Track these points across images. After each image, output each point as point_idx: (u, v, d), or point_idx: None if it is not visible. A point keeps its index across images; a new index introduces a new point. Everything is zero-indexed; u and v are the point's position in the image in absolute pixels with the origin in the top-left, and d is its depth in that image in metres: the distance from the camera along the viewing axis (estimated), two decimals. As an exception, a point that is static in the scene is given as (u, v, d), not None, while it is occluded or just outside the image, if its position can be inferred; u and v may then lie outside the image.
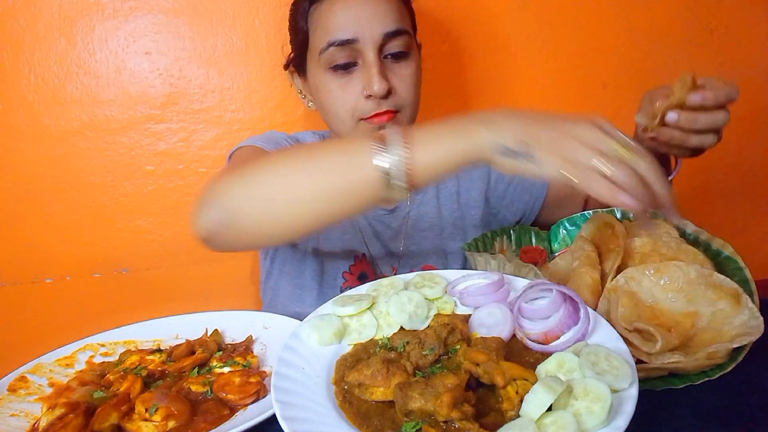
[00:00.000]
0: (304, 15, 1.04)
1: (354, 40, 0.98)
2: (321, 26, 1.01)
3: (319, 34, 1.01)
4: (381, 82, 0.97)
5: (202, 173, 1.46)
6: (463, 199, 1.23)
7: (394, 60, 1.02)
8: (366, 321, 0.73)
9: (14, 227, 1.42)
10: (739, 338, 0.69)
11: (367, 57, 0.99)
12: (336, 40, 0.98)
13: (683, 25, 1.54)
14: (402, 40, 1.01)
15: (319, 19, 1.01)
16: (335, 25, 0.98)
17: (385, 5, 1.00)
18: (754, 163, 1.70)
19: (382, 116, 1.00)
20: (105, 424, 0.69)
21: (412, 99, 1.05)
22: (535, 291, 0.71)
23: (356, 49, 0.99)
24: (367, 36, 0.98)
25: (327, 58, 1.00)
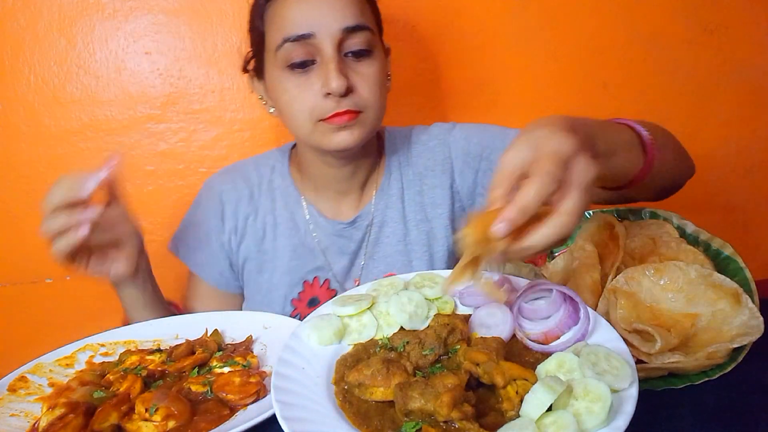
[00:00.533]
0: (259, 13, 1.01)
1: (310, 35, 0.93)
2: (276, 23, 0.97)
3: (274, 32, 0.97)
4: (339, 78, 0.92)
5: (202, 173, 1.46)
6: (427, 199, 1.16)
7: (355, 58, 0.97)
8: (366, 321, 0.73)
9: (14, 227, 1.42)
10: (739, 338, 0.69)
11: (325, 53, 0.94)
12: (291, 36, 0.94)
13: (683, 25, 1.54)
14: (363, 36, 0.96)
15: (274, 16, 0.97)
16: (290, 20, 0.95)
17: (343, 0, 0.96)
18: (754, 163, 1.70)
19: (342, 116, 0.95)
20: (105, 424, 0.68)
21: (375, 99, 0.99)
22: (535, 291, 0.71)
23: (313, 45, 0.94)
24: (324, 31, 0.93)
25: (283, 55, 0.95)
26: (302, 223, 1.15)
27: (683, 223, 0.89)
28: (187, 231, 1.19)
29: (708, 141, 1.65)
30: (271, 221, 1.16)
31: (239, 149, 1.44)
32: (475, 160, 1.13)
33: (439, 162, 1.16)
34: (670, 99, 1.60)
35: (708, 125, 1.64)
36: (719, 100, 1.62)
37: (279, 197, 1.16)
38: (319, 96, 0.95)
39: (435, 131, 1.19)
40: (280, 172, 1.18)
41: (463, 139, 1.15)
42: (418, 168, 1.16)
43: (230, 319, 0.94)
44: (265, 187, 1.17)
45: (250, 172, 1.18)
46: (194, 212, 1.20)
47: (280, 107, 1.02)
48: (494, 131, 1.15)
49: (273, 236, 1.15)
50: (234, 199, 1.16)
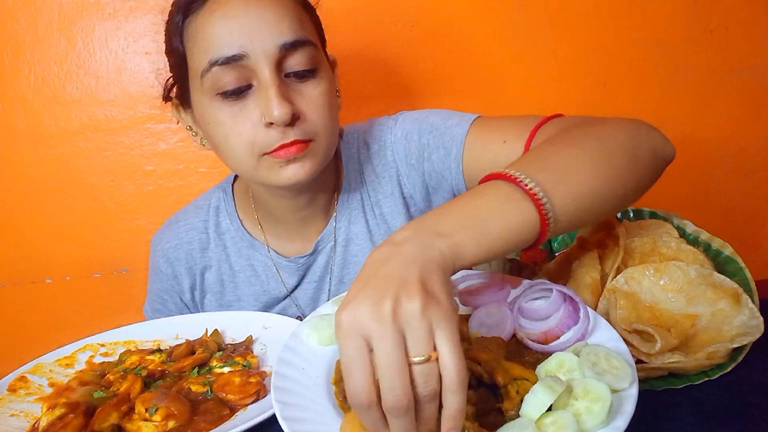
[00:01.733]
0: (178, 32, 0.85)
1: (241, 56, 0.79)
2: (199, 43, 0.82)
3: (197, 53, 0.82)
4: (282, 105, 0.78)
5: (202, 173, 1.46)
6: (386, 208, 1.03)
7: (298, 80, 0.83)
8: (366, 321, 0.73)
9: (14, 227, 1.42)
10: (739, 338, 0.69)
11: (261, 76, 0.80)
12: (218, 58, 0.79)
13: (683, 25, 1.54)
14: (305, 53, 0.82)
15: (196, 35, 0.82)
16: (216, 39, 0.80)
17: (276, 11, 0.81)
18: (754, 163, 1.70)
19: (289, 147, 0.82)
20: (105, 424, 0.69)
21: (326, 123, 0.85)
22: (535, 291, 0.71)
23: (246, 67, 0.80)
24: (258, 50, 0.79)
25: (211, 81, 0.81)
26: (261, 268, 1.04)
27: (683, 223, 0.89)
28: (152, 298, 1.11)
29: (708, 141, 1.65)
30: (228, 271, 1.05)
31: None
32: (418, 161, 0.98)
33: (386, 167, 1.02)
34: (670, 99, 1.60)
35: (708, 125, 1.64)
36: (719, 100, 1.62)
37: (230, 243, 1.05)
38: (259, 126, 0.81)
39: (376, 131, 1.04)
40: (226, 212, 1.05)
41: (403, 139, 1.00)
42: (370, 176, 1.04)
43: (230, 319, 0.94)
44: (213, 232, 1.05)
45: (193, 219, 1.06)
46: (151, 277, 1.10)
47: (213, 141, 0.87)
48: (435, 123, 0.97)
49: (233, 287, 1.06)
50: (183, 255, 1.05)
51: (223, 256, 1.06)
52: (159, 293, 1.09)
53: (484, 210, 0.59)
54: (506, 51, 1.50)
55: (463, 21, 1.46)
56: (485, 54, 1.49)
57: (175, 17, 0.86)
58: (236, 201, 1.06)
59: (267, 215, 1.03)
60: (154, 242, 1.09)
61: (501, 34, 1.49)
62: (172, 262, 1.06)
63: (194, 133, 0.95)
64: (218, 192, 1.08)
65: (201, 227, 1.06)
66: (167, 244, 1.06)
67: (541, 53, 1.51)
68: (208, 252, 1.06)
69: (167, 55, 0.92)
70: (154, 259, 1.08)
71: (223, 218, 1.06)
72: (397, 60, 1.46)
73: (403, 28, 1.44)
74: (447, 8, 1.44)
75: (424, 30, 1.45)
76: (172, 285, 1.07)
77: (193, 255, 1.05)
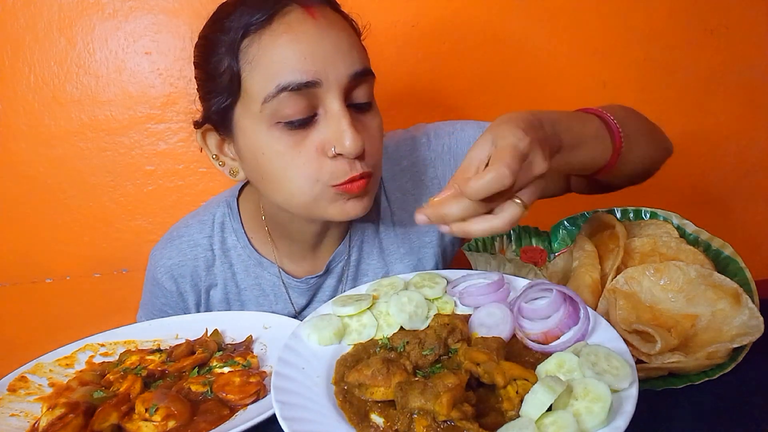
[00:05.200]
0: (232, 51, 0.77)
1: (315, 83, 0.75)
2: (264, 65, 0.75)
3: (260, 77, 0.76)
4: (356, 137, 0.75)
5: (202, 173, 1.46)
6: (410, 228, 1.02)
7: (357, 111, 0.80)
8: (366, 321, 0.73)
9: (14, 227, 1.42)
10: (739, 338, 0.69)
11: (330, 106, 0.76)
12: (289, 84, 0.74)
13: (683, 25, 1.55)
14: (368, 84, 0.81)
15: (259, 57, 0.76)
16: (286, 63, 0.74)
17: (348, 38, 0.79)
18: (754, 163, 1.70)
19: (358, 182, 0.79)
20: (105, 424, 0.69)
21: (380, 157, 0.85)
22: (535, 291, 0.71)
23: (316, 95, 0.76)
24: (331, 78, 0.75)
25: (275, 108, 0.75)
26: (269, 288, 1.01)
27: (683, 223, 0.89)
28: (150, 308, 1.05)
29: (708, 141, 1.65)
30: (234, 289, 1.02)
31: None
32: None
33: (421, 184, 1.01)
34: (670, 99, 1.60)
35: (708, 125, 1.64)
36: (719, 100, 1.62)
37: (237, 261, 1.01)
38: (322, 157, 0.78)
39: (406, 148, 1.02)
40: (232, 229, 1.00)
41: (447, 154, 1.01)
42: (394, 193, 1.01)
43: (230, 319, 0.94)
44: (218, 250, 1.00)
45: (197, 235, 1.01)
46: (152, 291, 1.04)
47: (265, 173, 0.81)
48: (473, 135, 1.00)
49: (239, 305, 1.03)
50: (188, 272, 1.00)
51: (229, 274, 1.01)
52: (161, 307, 1.04)
53: (588, 136, 0.78)
54: (506, 51, 1.50)
55: (463, 21, 1.46)
56: (485, 54, 1.49)
57: (227, 34, 0.78)
58: (242, 217, 1.01)
59: (281, 235, 0.99)
60: (154, 257, 1.03)
61: (501, 34, 1.49)
62: (176, 279, 1.01)
63: (220, 163, 0.89)
64: (222, 207, 1.02)
65: (206, 244, 1.01)
66: (170, 261, 1.01)
67: (541, 53, 1.51)
68: (213, 270, 1.01)
69: (204, 75, 0.83)
70: (155, 274, 1.02)
71: (229, 235, 1.01)
72: (397, 60, 1.46)
73: (403, 28, 1.44)
74: (447, 8, 1.44)
75: (424, 30, 1.45)
76: (177, 302, 1.03)
77: (198, 272, 1.01)
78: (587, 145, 0.78)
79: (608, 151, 0.81)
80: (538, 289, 0.71)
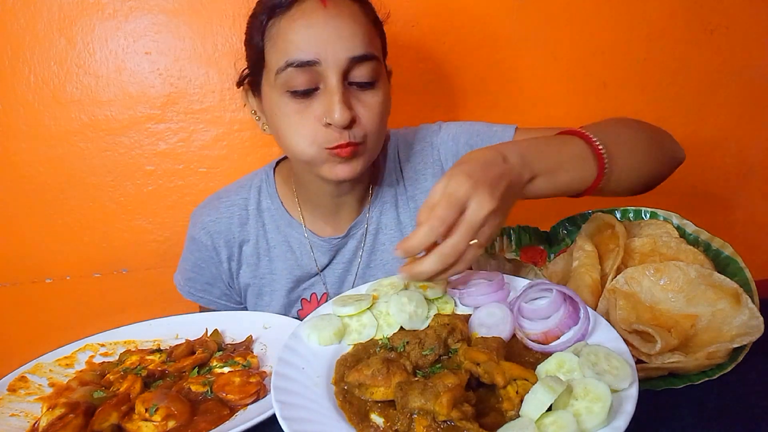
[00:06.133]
0: (260, 29, 0.94)
1: (315, 62, 0.88)
2: (279, 44, 0.91)
3: (276, 53, 0.91)
4: (343, 111, 0.88)
5: (202, 173, 1.46)
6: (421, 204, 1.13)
7: (359, 88, 0.93)
8: (366, 321, 0.73)
9: (14, 227, 1.42)
10: (739, 338, 0.69)
11: (329, 82, 0.89)
12: (294, 61, 0.88)
13: (683, 25, 1.54)
14: (369, 67, 0.92)
15: (277, 36, 0.91)
16: (295, 44, 0.89)
17: (352, 26, 0.90)
18: (754, 163, 1.70)
19: (344, 148, 0.91)
20: (105, 424, 0.69)
21: (377, 128, 0.95)
22: (535, 291, 0.71)
23: (317, 72, 0.89)
24: (330, 59, 0.88)
25: (284, 79, 0.90)
26: (296, 245, 1.13)
27: (683, 223, 0.89)
28: (186, 267, 1.17)
29: (708, 141, 1.65)
30: (264, 246, 1.14)
31: (239, 149, 1.45)
32: None
33: (429, 165, 1.14)
34: (670, 99, 1.60)
35: (708, 125, 1.64)
36: (719, 100, 1.62)
37: (269, 220, 1.14)
38: (319, 124, 0.91)
39: (421, 133, 1.17)
40: (267, 193, 1.14)
41: (451, 140, 1.14)
42: (408, 173, 1.15)
43: (230, 319, 0.95)
44: (253, 210, 1.14)
45: (234, 197, 1.15)
46: (189, 248, 1.17)
47: (277, 130, 0.97)
48: (480, 129, 1.13)
49: (268, 260, 1.14)
50: (224, 228, 1.13)
51: (261, 231, 1.14)
52: (196, 262, 1.15)
53: (565, 159, 0.80)
54: (506, 51, 1.50)
55: (463, 21, 1.46)
56: (485, 54, 1.49)
57: (260, 16, 0.94)
58: (277, 184, 1.15)
59: (306, 198, 1.12)
60: (194, 216, 1.17)
61: (501, 35, 1.49)
62: (212, 234, 1.13)
63: (257, 118, 1.05)
64: (261, 174, 1.17)
65: (242, 203, 1.14)
66: (207, 218, 1.14)
67: (541, 53, 1.51)
68: (247, 227, 1.14)
69: (246, 47, 1.00)
70: (193, 231, 1.15)
71: (264, 198, 1.15)
72: (397, 60, 1.46)
73: (403, 28, 1.44)
74: (447, 8, 1.44)
75: (424, 30, 1.45)
76: (211, 256, 1.14)
77: (231, 229, 1.13)
78: (566, 167, 0.80)
79: (592, 171, 0.82)
80: (538, 289, 0.71)
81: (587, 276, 0.82)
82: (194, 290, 1.16)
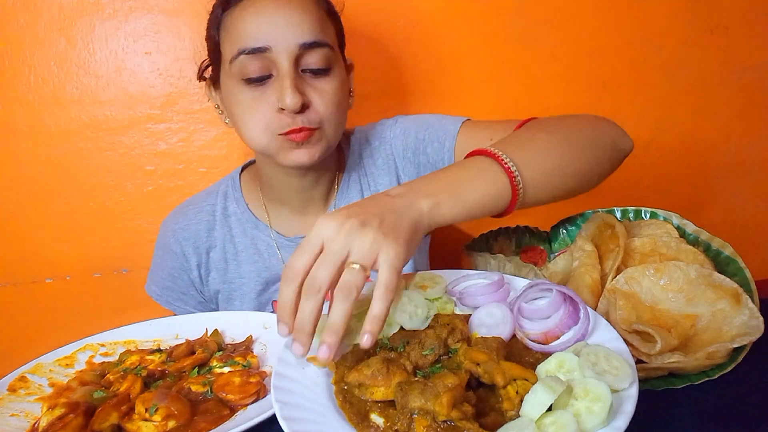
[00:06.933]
0: (215, 22, 0.98)
1: (265, 49, 0.90)
2: (231, 34, 0.94)
3: (229, 42, 0.94)
4: (294, 95, 0.90)
5: (202, 173, 1.46)
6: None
7: (312, 75, 0.94)
8: (366, 321, 0.73)
9: (14, 227, 1.42)
10: (739, 338, 0.69)
11: (281, 68, 0.91)
12: (246, 48, 0.91)
13: (683, 25, 1.54)
14: (321, 54, 0.93)
15: (230, 27, 0.94)
16: (245, 32, 0.91)
17: (301, 14, 0.92)
18: (754, 163, 1.70)
19: (298, 133, 0.93)
20: (105, 424, 0.69)
21: (332, 116, 0.96)
22: (535, 291, 0.71)
23: (269, 59, 0.91)
24: (280, 45, 0.90)
25: (238, 67, 0.92)
26: (263, 247, 1.13)
27: (683, 223, 0.89)
28: (156, 274, 1.18)
29: (708, 141, 1.65)
30: (232, 250, 1.14)
31: (239, 149, 1.45)
32: (414, 154, 1.12)
33: (384, 161, 1.15)
34: (670, 99, 1.60)
35: (708, 125, 1.64)
36: (719, 100, 1.62)
37: (235, 224, 1.14)
38: (273, 110, 0.93)
39: (378, 129, 1.17)
40: (233, 197, 1.15)
41: (401, 135, 1.14)
42: (370, 169, 1.15)
43: (230, 319, 0.94)
44: (220, 215, 1.14)
45: (202, 203, 1.16)
46: (161, 257, 1.17)
47: (234, 119, 0.99)
48: (430, 121, 1.11)
49: (236, 264, 1.14)
50: (192, 235, 1.14)
51: (228, 236, 1.14)
52: (170, 271, 1.16)
53: (466, 178, 0.74)
54: (506, 51, 1.50)
55: (463, 21, 1.46)
56: (485, 54, 1.49)
57: (216, 9, 0.98)
58: (243, 188, 1.16)
59: (273, 197, 1.13)
60: (164, 224, 1.18)
61: (501, 35, 1.49)
62: (181, 241, 1.14)
63: (220, 111, 1.06)
64: (227, 180, 1.18)
65: (209, 210, 1.15)
66: (176, 225, 1.15)
67: (541, 53, 1.51)
68: (213, 233, 1.14)
69: (206, 41, 1.03)
70: (164, 239, 1.16)
71: (230, 202, 1.15)
72: (397, 60, 1.46)
73: (403, 28, 1.44)
74: (447, 8, 1.44)
75: (424, 30, 1.45)
76: (182, 263, 1.15)
77: (200, 235, 1.14)
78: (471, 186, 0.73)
79: (503, 184, 0.75)
80: (538, 289, 0.71)
81: (587, 276, 0.82)
82: (171, 299, 1.16)
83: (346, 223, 0.62)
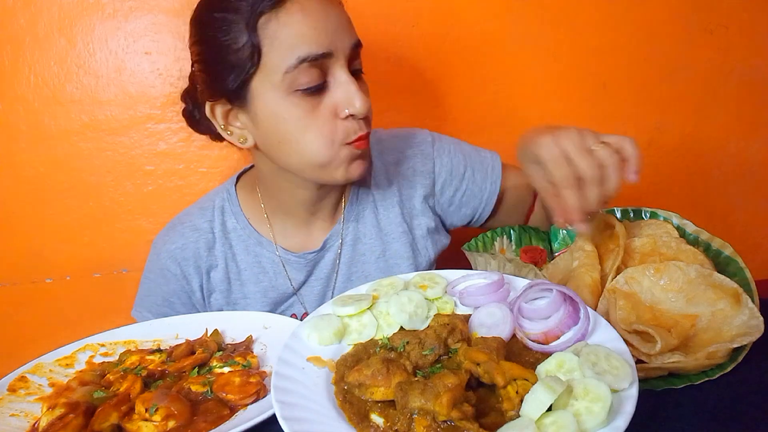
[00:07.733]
0: (251, 27, 0.84)
1: (329, 54, 0.85)
2: (283, 39, 0.84)
3: (281, 50, 0.84)
4: (365, 99, 0.86)
5: (202, 173, 1.46)
6: (406, 210, 1.10)
7: (355, 77, 0.90)
8: (366, 321, 0.73)
9: (14, 227, 1.42)
10: (739, 338, 0.69)
11: (339, 73, 0.87)
12: (308, 56, 0.83)
13: (683, 25, 1.54)
14: (358, 53, 0.91)
15: (279, 32, 0.84)
16: (307, 37, 0.83)
17: (345, 13, 0.90)
18: (754, 163, 1.70)
19: (363, 140, 0.90)
20: (105, 424, 0.69)
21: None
22: (535, 291, 0.71)
23: (326, 65, 0.86)
24: (339, 49, 0.86)
25: (294, 78, 0.84)
26: (268, 265, 1.06)
27: (683, 223, 0.89)
28: (148, 300, 1.08)
29: (708, 141, 1.65)
30: (234, 269, 1.06)
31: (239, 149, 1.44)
32: (457, 179, 1.13)
33: (420, 173, 1.11)
34: (670, 99, 1.60)
35: (708, 125, 1.64)
36: (719, 100, 1.62)
37: (236, 242, 1.06)
38: (335, 119, 0.88)
39: (415, 140, 1.13)
40: (231, 212, 1.07)
41: (447, 155, 1.13)
42: (396, 177, 1.10)
43: (230, 319, 0.94)
44: (219, 232, 1.06)
45: (198, 220, 1.07)
46: (154, 281, 1.07)
47: (284, 135, 0.89)
48: (471, 152, 1.15)
49: (239, 284, 1.07)
50: (191, 255, 1.05)
51: (229, 254, 1.07)
52: (166, 296, 1.06)
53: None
54: (506, 51, 1.50)
55: (463, 21, 1.46)
56: (485, 55, 1.49)
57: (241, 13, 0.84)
58: (240, 201, 1.08)
59: (277, 211, 1.06)
60: (157, 244, 1.08)
61: (501, 35, 1.48)
62: (180, 262, 1.05)
63: (228, 133, 0.95)
64: (222, 193, 1.09)
65: (207, 227, 1.07)
66: (173, 245, 1.05)
67: (541, 54, 1.51)
68: (214, 251, 1.06)
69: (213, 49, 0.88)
70: (158, 262, 1.06)
71: (229, 218, 1.07)
72: (397, 60, 1.46)
73: (403, 28, 1.44)
74: (447, 8, 1.44)
75: (424, 30, 1.45)
76: (182, 285, 1.06)
77: (200, 254, 1.05)
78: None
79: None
80: (538, 289, 0.71)
81: (587, 276, 0.82)
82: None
83: (561, 131, 0.75)
